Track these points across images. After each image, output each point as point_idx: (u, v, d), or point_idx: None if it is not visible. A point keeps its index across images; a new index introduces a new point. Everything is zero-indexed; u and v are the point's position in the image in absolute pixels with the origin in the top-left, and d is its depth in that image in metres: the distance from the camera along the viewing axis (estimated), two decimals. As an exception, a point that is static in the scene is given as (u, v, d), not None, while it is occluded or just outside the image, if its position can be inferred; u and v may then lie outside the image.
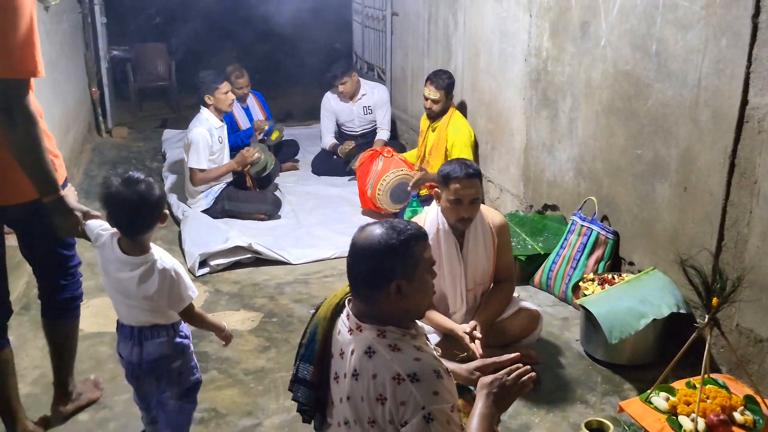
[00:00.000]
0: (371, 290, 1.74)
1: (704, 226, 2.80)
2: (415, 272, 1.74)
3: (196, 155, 4.56)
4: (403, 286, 1.71)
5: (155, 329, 2.19)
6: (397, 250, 1.72)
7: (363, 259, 1.74)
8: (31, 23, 1.99)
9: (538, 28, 3.89)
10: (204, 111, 4.71)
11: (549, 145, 3.91)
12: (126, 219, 2.08)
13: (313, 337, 1.89)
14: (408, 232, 1.75)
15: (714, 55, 2.67)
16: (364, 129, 5.82)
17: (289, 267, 4.02)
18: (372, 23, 6.83)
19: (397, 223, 1.78)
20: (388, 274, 1.71)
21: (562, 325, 3.34)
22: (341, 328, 1.82)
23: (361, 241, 1.76)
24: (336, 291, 1.96)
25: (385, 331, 1.73)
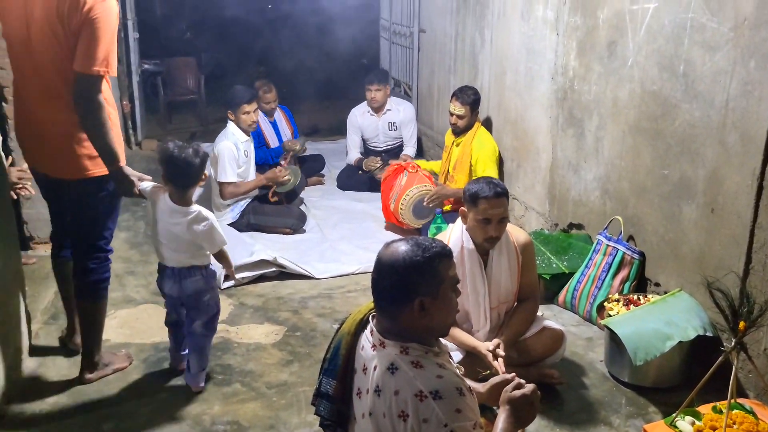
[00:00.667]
0: (395, 306, 1.76)
1: (731, 249, 2.77)
2: (439, 289, 1.75)
3: (223, 169, 4.62)
4: (427, 303, 1.73)
5: (193, 269, 2.85)
6: (421, 267, 1.73)
7: (387, 275, 1.76)
8: (114, 33, 2.59)
9: (564, 47, 3.90)
10: (230, 125, 4.78)
11: (575, 163, 3.91)
12: (178, 175, 2.73)
13: (336, 352, 1.91)
14: (433, 250, 1.76)
15: (742, 76, 2.65)
16: (389, 145, 5.86)
17: (313, 281, 4.05)
18: (399, 40, 6.89)
19: (422, 241, 1.79)
20: (412, 291, 1.73)
21: (587, 346, 3.31)
22: (365, 343, 1.84)
23: (386, 257, 1.78)
24: (360, 307, 1.98)
25: (408, 347, 1.75)
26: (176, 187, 2.76)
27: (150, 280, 4.05)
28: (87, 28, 2.52)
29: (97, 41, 2.52)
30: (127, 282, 4.01)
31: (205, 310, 2.90)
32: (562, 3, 3.88)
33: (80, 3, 2.50)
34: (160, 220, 2.83)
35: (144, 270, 4.19)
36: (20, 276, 3.07)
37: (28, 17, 2.58)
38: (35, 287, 3.74)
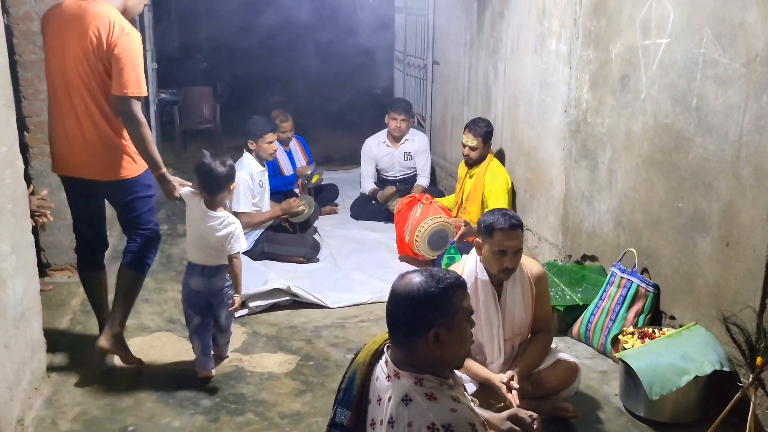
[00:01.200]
0: (409, 337, 1.77)
1: (747, 283, 2.76)
2: (453, 321, 1.76)
3: (237, 199, 4.67)
4: (442, 335, 1.74)
5: (220, 268, 3.25)
6: (436, 298, 1.75)
7: (402, 306, 1.77)
8: (139, 59, 3.06)
9: (577, 80, 3.94)
10: (246, 155, 4.84)
11: (588, 195, 3.92)
12: (207, 183, 3.17)
13: (351, 382, 1.92)
14: (447, 281, 1.78)
15: (755, 111, 2.67)
16: (404, 175, 5.90)
17: (327, 310, 4.06)
18: (413, 71, 6.97)
19: (436, 272, 1.81)
20: (426, 322, 1.74)
21: (601, 379, 3.29)
22: (379, 374, 1.85)
23: (400, 288, 1.80)
24: (375, 337, 1.99)
25: (422, 379, 1.75)
26: (207, 194, 3.20)
27: (164, 308, 4.08)
28: (115, 57, 3.01)
29: (125, 68, 3.02)
30: (141, 309, 4.04)
31: (227, 305, 3.31)
32: (575, 37, 3.94)
33: (107, 36, 2.99)
34: (193, 222, 3.25)
35: (158, 298, 4.22)
36: (37, 302, 3.11)
37: (64, 46, 3.06)
38: (51, 314, 3.77)
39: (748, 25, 2.68)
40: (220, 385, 3.23)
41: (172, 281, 4.48)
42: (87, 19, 3.01)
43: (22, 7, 3.94)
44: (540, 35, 4.35)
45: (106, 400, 3.10)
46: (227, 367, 3.39)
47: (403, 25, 7.25)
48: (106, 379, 3.27)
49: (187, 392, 3.16)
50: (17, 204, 2.87)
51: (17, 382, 2.78)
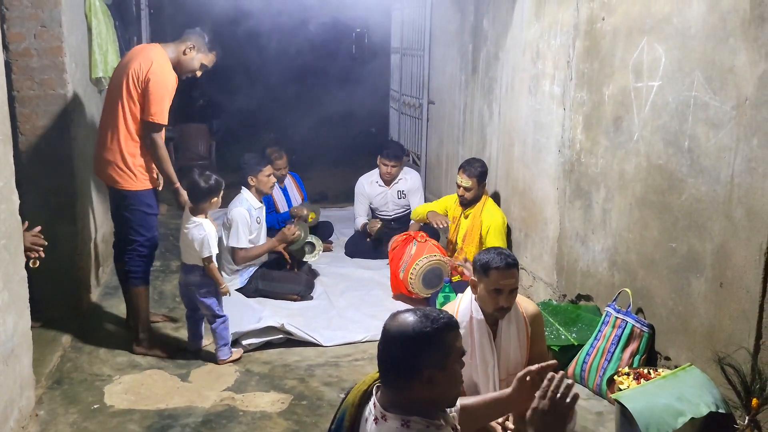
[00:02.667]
0: (401, 378, 1.75)
1: (741, 324, 2.76)
2: (447, 361, 1.75)
3: (236, 235, 4.67)
4: (435, 376, 1.73)
5: (195, 267, 3.79)
6: (430, 338, 1.74)
7: (395, 346, 1.76)
8: (166, 93, 3.75)
9: (571, 121, 4.00)
10: (244, 192, 4.86)
11: (583, 235, 3.94)
12: (190, 192, 3.80)
13: (340, 424, 1.90)
14: (441, 321, 1.77)
15: (745, 153, 2.71)
16: (398, 213, 5.92)
17: (320, 349, 4.03)
18: (408, 110, 7.06)
19: (429, 311, 1.80)
20: (420, 363, 1.73)
21: (597, 420, 3.26)
22: (368, 415, 1.83)
23: (393, 328, 1.79)
24: (365, 377, 1.97)
25: (409, 421, 1.74)
26: (192, 202, 3.80)
27: (156, 344, 4.04)
28: (146, 90, 3.71)
29: (151, 99, 3.71)
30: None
31: (204, 305, 3.82)
32: (569, 79, 4.01)
33: (146, 71, 3.71)
34: (182, 226, 3.84)
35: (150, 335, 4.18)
36: (28, 338, 3.08)
37: (121, 74, 3.78)
38: (41, 351, 3.73)
39: (737, 69, 2.74)
40: (212, 424, 3.18)
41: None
42: (139, 56, 3.78)
43: (22, 43, 3.99)
44: (534, 76, 4.42)
45: (94, 439, 3.04)
46: (219, 406, 3.34)
47: (399, 64, 7.36)
48: (96, 418, 3.21)
49: (177, 431, 3.11)
50: (11, 239, 2.86)
51: (4, 420, 2.73)
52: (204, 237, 3.71)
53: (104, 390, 3.48)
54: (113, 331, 4.21)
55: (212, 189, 3.78)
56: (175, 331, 4.26)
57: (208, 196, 3.77)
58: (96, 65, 4.70)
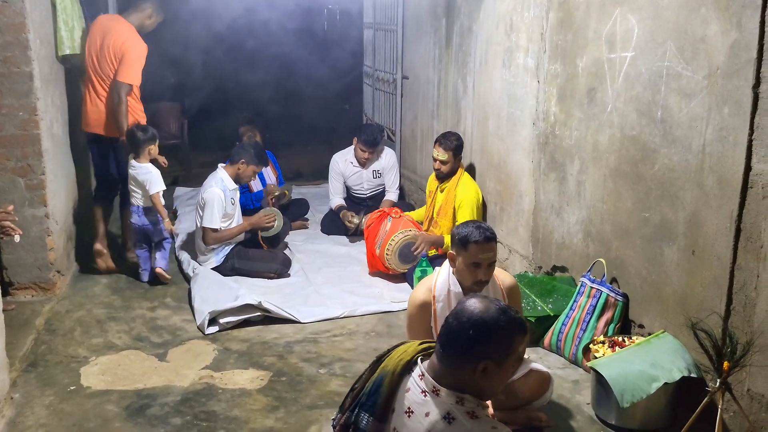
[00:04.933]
0: (460, 358, 1.79)
1: (713, 290, 2.82)
2: (505, 360, 1.79)
3: (210, 215, 4.63)
4: (490, 368, 1.77)
5: (149, 209, 4.59)
6: (501, 332, 1.79)
7: (468, 326, 1.79)
8: (138, 60, 4.65)
9: (545, 94, 4.01)
10: (221, 171, 4.79)
11: (557, 207, 3.97)
12: (132, 144, 4.56)
13: (377, 389, 1.91)
14: (516, 320, 1.82)
15: (717, 122, 2.75)
16: (373, 191, 5.90)
17: (298, 325, 4.03)
18: (382, 86, 7.01)
19: (508, 308, 1.84)
20: (482, 352, 1.77)
21: (573, 388, 3.31)
22: (412, 386, 1.85)
23: (471, 309, 1.82)
24: (407, 347, 2.00)
25: (463, 398, 1.78)
26: (132, 150, 4.56)
27: (132, 325, 4.01)
28: (122, 58, 4.58)
29: (126, 64, 4.59)
30: (108, 328, 3.96)
31: (158, 234, 4.64)
32: (543, 51, 4.01)
33: (120, 48, 4.58)
34: (129, 174, 4.58)
35: (126, 315, 4.14)
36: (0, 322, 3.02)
37: (94, 49, 4.64)
38: (14, 334, 3.68)
39: (709, 39, 2.76)
40: (191, 402, 3.17)
41: (139, 298, 4.41)
42: (111, 31, 4.60)
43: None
44: (508, 49, 4.41)
45: (72, 420, 3.02)
46: (198, 385, 3.33)
47: (372, 40, 7.30)
48: (73, 400, 3.18)
49: (156, 411, 3.10)
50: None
51: (-21, 404, 2.70)
52: (149, 177, 4.49)
53: (80, 371, 3.45)
54: (88, 313, 4.16)
55: (148, 139, 4.53)
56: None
57: (145, 145, 4.51)
58: (62, 42, 4.58)
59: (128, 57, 4.57)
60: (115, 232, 5.35)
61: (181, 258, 4.96)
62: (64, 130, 4.77)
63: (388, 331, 3.98)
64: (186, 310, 4.23)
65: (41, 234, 4.20)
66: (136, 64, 4.62)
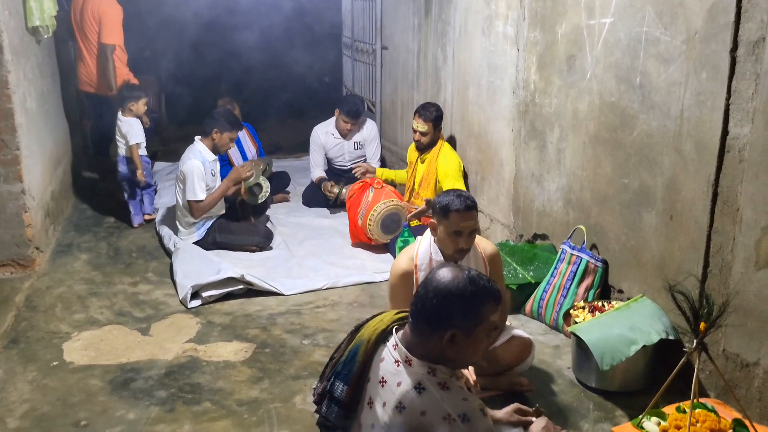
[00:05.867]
0: (428, 327, 1.78)
1: (690, 254, 2.86)
2: (474, 329, 1.77)
3: (192, 187, 4.59)
4: (458, 337, 1.75)
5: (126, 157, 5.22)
6: (467, 301, 1.76)
7: (433, 295, 1.77)
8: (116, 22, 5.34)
9: (525, 62, 4.00)
10: (198, 143, 4.74)
11: (538, 175, 3.99)
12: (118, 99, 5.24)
13: (353, 358, 1.91)
14: (484, 289, 1.79)
15: (695, 87, 2.76)
16: (355, 163, 5.87)
17: (281, 298, 4.03)
18: (362, 57, 6.95)
19: (478, 277, 1.81)
20: (449, 321, 1.75)
21: (554, 353, 3.36)
22: (386, 356, 1.85)
23: (438, 278, 1.79)
24: (383, 316, 1.99)
25: (435, 369, 1.78)
26: (120, 106, 5.19)
27: (114, 300, 3.99)
28: (100, 22, 5.29)
29: (104, 27, 5.30)
30: (90, 303, 3.93)
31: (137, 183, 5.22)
32: (522, 19, 3.98)
33: (97, 9, 5.31)
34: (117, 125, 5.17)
35: (107, 291, 4.12)
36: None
37: (77, 14, 5.39)
38: (-6, 311, 3.65)
39: (687, 3, 2.76)
40: (175, 375, 3.18)
41: (121, 274, 4.38)
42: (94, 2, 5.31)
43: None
44: (487, 17, 4.38)
45: (55, 395, 3.01)
46: (182, 358, 3.33)
47: (351, 10, 7.21)
48: (55, 375, 3.17)
49: (141, 384, 3.10)
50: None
51: (-40, 381, 2.68)
52: (130, 130, 5.09)
53: (63, 347, 3.43)
54: (69, 289, 4.13)
55: (131, 96, 5.12)
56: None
57: (127, 101, 5.13)
58: (32, 13, 4.47)
59: (105, 19, 5.24)
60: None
61: (162, 233, 4.92)
62: (38, 103, 4.68)
63: (370, 301, 4.00)
64: (168, 284, 4.21)
65: (18, 210, 4.14)
66: (116, 24, 5.31)
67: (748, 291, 2.58)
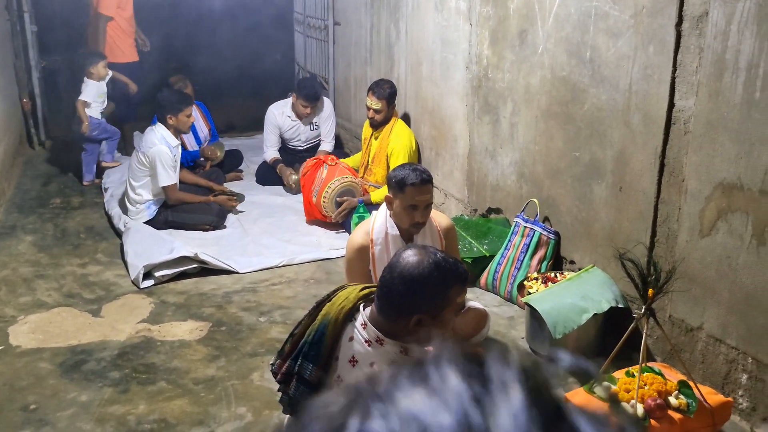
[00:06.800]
0: (395, 311, 1.77)
1: (639, 224, 2.94)
2: (440, 312, 1.77)
3: (164, 173, 4.49)
4: (425, 321, 1.75)
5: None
6: (432, 286, 1.75)
7: (398, 280, 1.76)
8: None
9: (478, 37, 4.01)
10: (160, 128, 4.60)
11: (491, 150, 4.02)
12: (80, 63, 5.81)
13: (320, 338, 1.89)
14: (449, 272, 1.77)
15: (643, 61, 2.82)
16: (311, 144, 5.80)
17: (237, 276, 3.99)
18: (314, 33, 6.86)
19: (443, 259, 1.79)
20: (414, 306, 1.75)
21: (509, 324, 3.43)
22: (355, 335, 1.84)
23: (403, 261, 1.77)
24: (348, 294, 1.97)
25: (408, 348, 1.78)
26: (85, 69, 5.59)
27: (62, 282, 3.88)
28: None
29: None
30: (36, 286, 3.82)
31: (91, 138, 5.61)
32: (474, -6, 3.99)
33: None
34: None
35: (55, 273, 4.00)
36: None
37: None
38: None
39: (635, -22, 2.81)
40: (129, 356, 3.12)
41: (68, 255, 4.26)
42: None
43: None
44: (440, -7, 4.37)
45: (2, 380, 2.93)
46: (135, 338, 3.27)
47: (302, -15, 7.10)
48: (1, 360, 3.08)
49: (93, 366, 3.04)
50: None
51: None
52: (84, 89, 5.52)
53: (8, 331, 3.33)
54: (13, 272, 4.00)
55: (91, 62, 5.57)
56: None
57: (88, 65, 5.55)
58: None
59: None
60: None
61: (112, 213, 4.80)
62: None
63: (327, 278, 4.00)
64: (119, 265, 4.12)
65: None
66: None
67: (692, 258, 2.67)
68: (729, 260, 2.53)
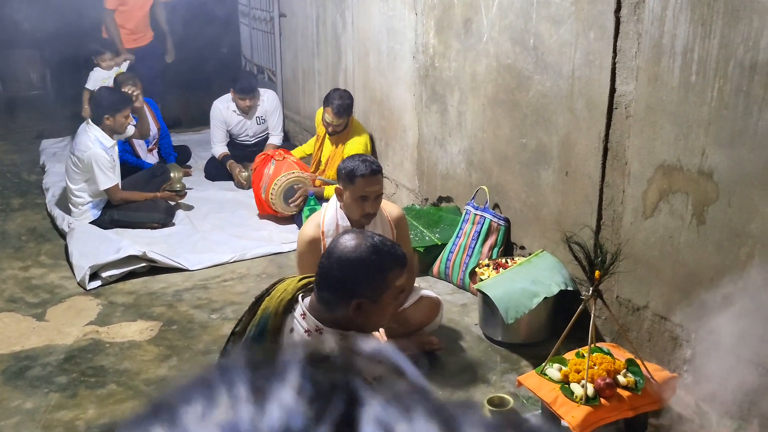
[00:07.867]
0: (335, 297, 1.75)
1: (585, 207, 3.00)
2: (380, 296, 1.75)
3: (103, 176, 4.35)
4: (365, 306, 1.73)
5: None
6: (370, 270, 1.73)
7: (336, 265, 1.74)
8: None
9: (424, 26, 4.01)
10: (93, 129, 4.42)
11: (440, 138, 4.04)
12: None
13: (262, 333, 1.86)
14: (387, 255, 1.76)
15: (584, 47, 2.86)
16: (259, 138, 5.71)
17: (187, 273, 3.92)
18: (260, 25, 6.77)
19: (382, 243, 1.77)
20: (353, 290, 1.73)
21: (462, 311, 3.46)
22: (295, 326, 1.81)
23: (340, 247, 1.76)
24: (286, 285, 1.94)
25: (347, 335, 1.75)
26: None
27: (4, 287, 3.75)
28: None
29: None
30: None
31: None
32: (419, -17, 3.99)
33: None
34: None
35: (-4, 277, 3.86)
36: None
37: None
38: None
39: (574, -35, 2.85)
40: (76, 360, 3.04)
41: (9, 258, 4.12)
42: None
43: None
44: (384, -18, 4.36)
45: (-58, 390, 2.81)
46: (83, 341, 3.19)
47: (246, -23, 6.99)
48: (-59, 369, 2.96)
49: (38, 372, 2.95)
50: None
51: None
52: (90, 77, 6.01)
53: (-52, 339, 3.20)
54: None
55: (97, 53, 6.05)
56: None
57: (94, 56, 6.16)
58: None
59: None
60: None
61: (54, 214, 4.65)
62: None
63: (279, 272, 3.96)
64: (63, 267, 4.00)
65: None
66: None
67: (637, 239, 2.74)
68: (671, 240, 2.61)
